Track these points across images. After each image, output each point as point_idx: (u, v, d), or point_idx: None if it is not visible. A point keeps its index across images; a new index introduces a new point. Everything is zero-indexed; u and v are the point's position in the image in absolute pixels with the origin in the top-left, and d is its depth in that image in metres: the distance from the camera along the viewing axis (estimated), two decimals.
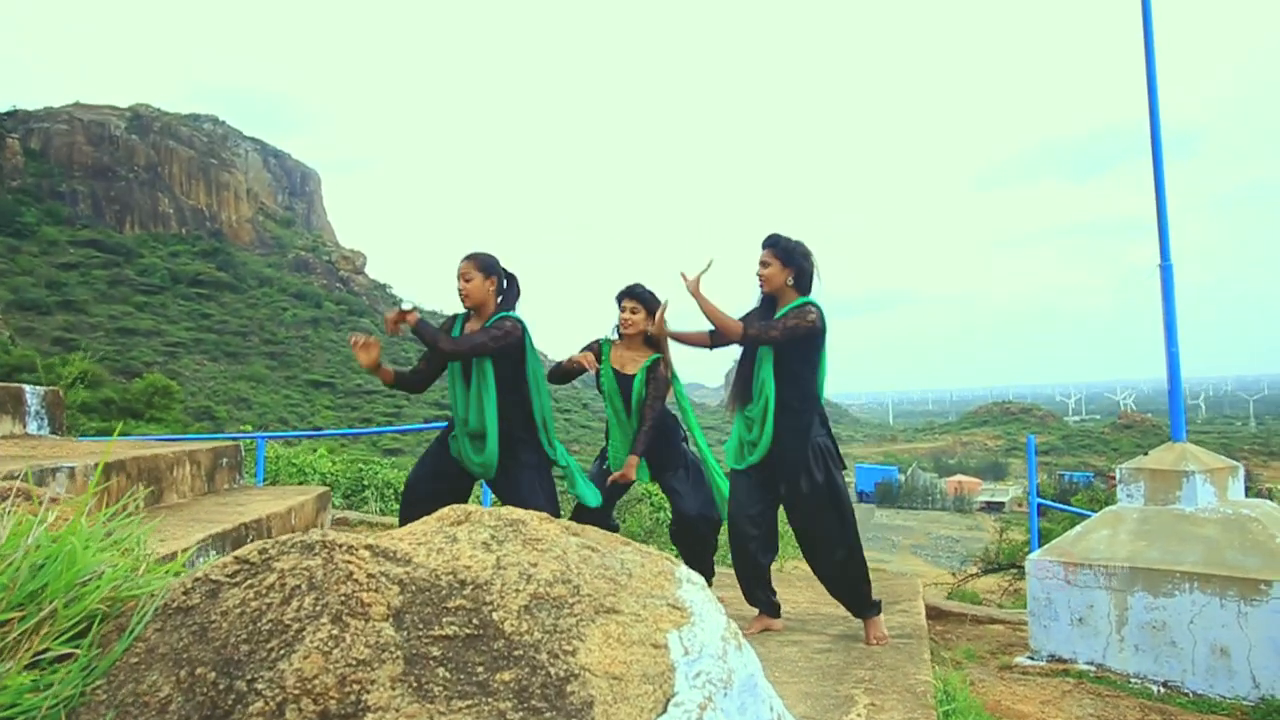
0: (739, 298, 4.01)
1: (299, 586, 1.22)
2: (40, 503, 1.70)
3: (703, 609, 1.37)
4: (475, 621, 1.21)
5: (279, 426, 65.78)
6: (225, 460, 5.42)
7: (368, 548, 1.31)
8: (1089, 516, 9.83)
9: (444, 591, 1.25)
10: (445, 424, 4.36)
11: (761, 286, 3.85)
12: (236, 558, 1.30)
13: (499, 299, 4.09)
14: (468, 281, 4.01)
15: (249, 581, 1.25)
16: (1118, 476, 4.91)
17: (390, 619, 1.20)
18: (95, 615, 1.27)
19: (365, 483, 9.39)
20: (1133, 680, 4.38)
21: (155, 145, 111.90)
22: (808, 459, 3.73)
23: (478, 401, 3.97)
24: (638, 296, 4.38)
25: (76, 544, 1.30)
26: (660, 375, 4.37)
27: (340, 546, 1.30)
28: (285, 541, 1.31)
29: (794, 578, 5.82)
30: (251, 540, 4.33)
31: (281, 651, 1.12)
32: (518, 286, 4.15)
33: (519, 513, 1.51)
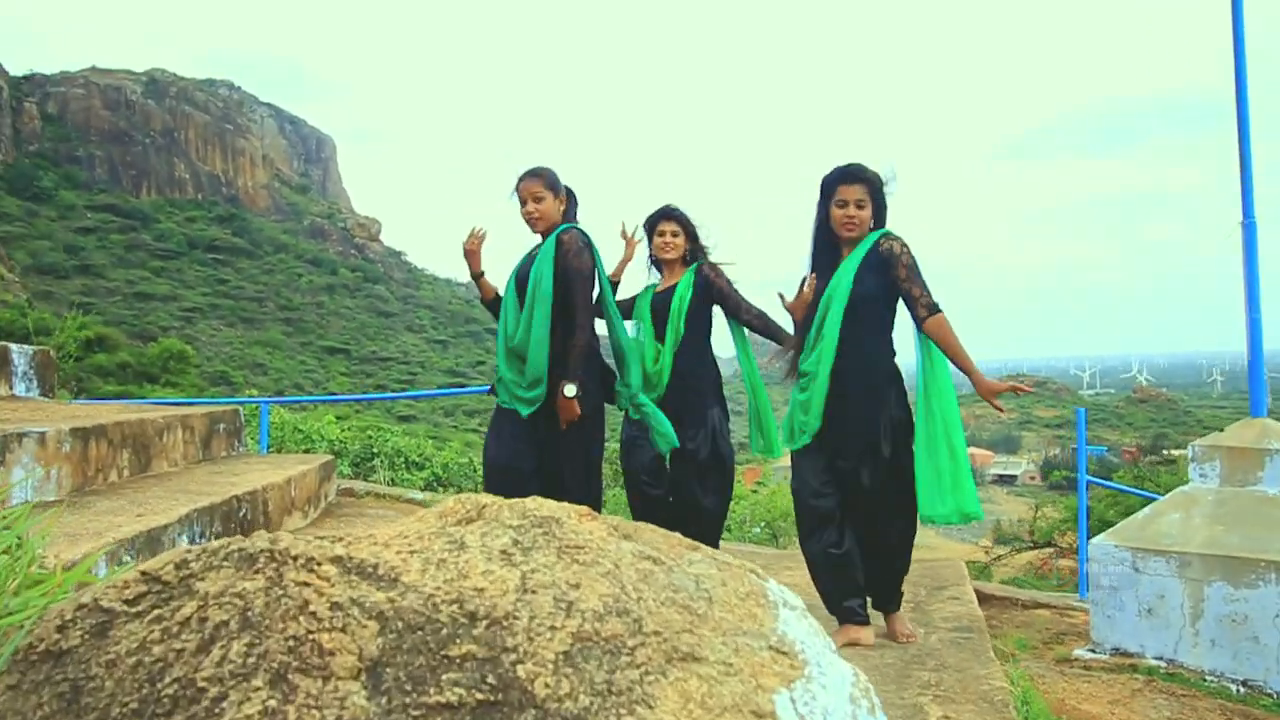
0: (768, 267, 3.50)
1: (226, 624, 0.81)
2: None
3: (817, 651, 0.95)
4: (491, 680, 0.80)
5: (294, 392, 65.78)
6: (223, 426, 5.04)
7: (335, 560, 0.90)
8: (1135, 494, 9.39)
9: (445, 630, 0.84)
10: (466, 389, 3.92)
11: (850, 231, 3.24)
12: (145, 574, 0.89)
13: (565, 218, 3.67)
14: (538, 202, 3.55)
15: (156, 612, 0.84)
16: (1189, 454, 4.47)
17: (362, 677, 0.79)
18: None
19: (375, 450, 9.01)
20: (1208, 678, 3.97)
21: (171, 110, 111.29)
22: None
23: (528, 318, 3.48)
24: (678, 219, 3.93)
25: None
26: (718, 276, 3.93)
27: (294, 560, 0.89)
28: (217, 550, 0.90)
29: None
30: (245, 515, 3.95)
31: None
32: (576, 200, 3.75)
33: (550, 507, 1.10)
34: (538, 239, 3.66)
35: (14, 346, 5.24)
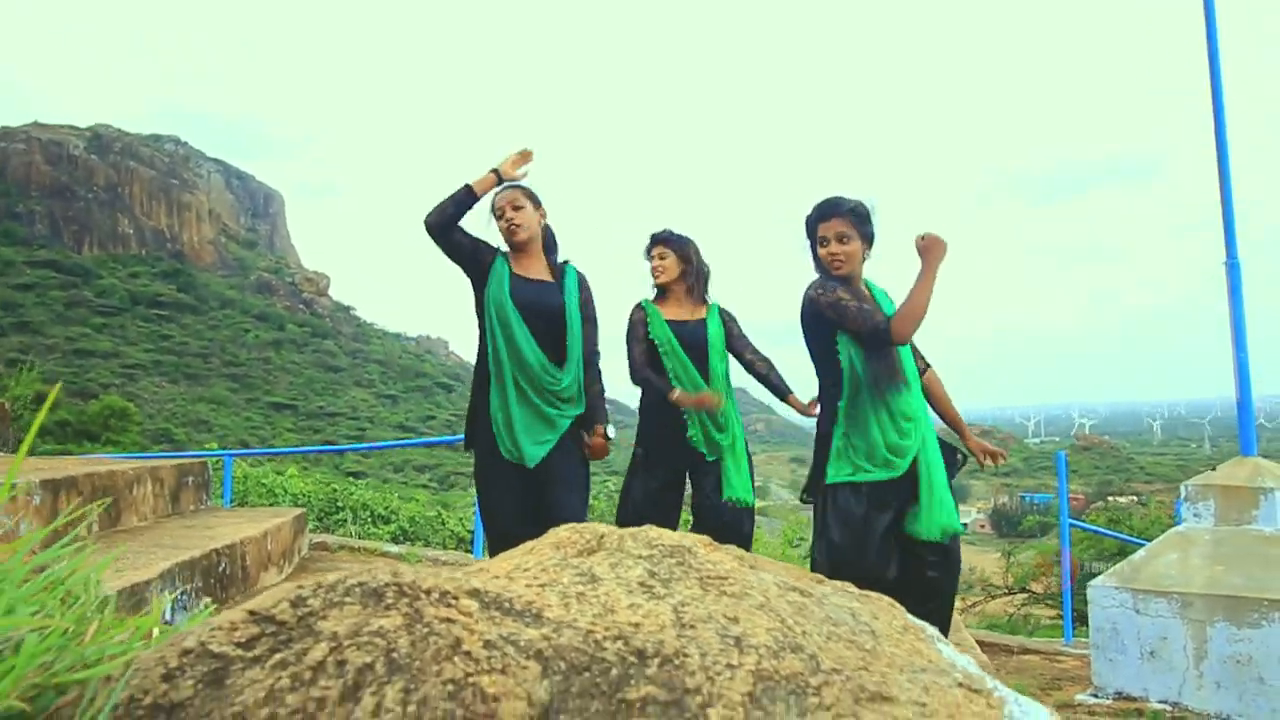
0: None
1: (371, 666, 0.70)
2: None
3: (1006, 690, 0.87)
4: None
5: (240, 449, 64.27)
6: (191, 479, 4.83)
7: (473, 594, 0.79)
8: (1116, 537, 9.44)
9: (614, 671, 0.74)
10: (424, 440, 3.70)
11: (839, 268, 3.09)
12: (254, 614, 0.77)
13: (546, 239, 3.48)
14: (518, 210, 3.32)
15: (279, 656, 0.72)
16: (1182, 493, 4.47)
17: None
18: (12, 716, 0.74)
19: (340, 503, 8.74)
20: None
21: (115, 165, 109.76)
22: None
23: (574, 341, 3.32)
24: (665, 240, 3.81)
25: None
26: (730, 318, 3.87)
27: (428, 594, 0.78)
28: (334, 586, 0.79)
29: None
30: (224, 569, 3.76)
31: None
32: (556, 242, 3.55)
33: (673, 536, 1.00)
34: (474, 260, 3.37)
35: None
